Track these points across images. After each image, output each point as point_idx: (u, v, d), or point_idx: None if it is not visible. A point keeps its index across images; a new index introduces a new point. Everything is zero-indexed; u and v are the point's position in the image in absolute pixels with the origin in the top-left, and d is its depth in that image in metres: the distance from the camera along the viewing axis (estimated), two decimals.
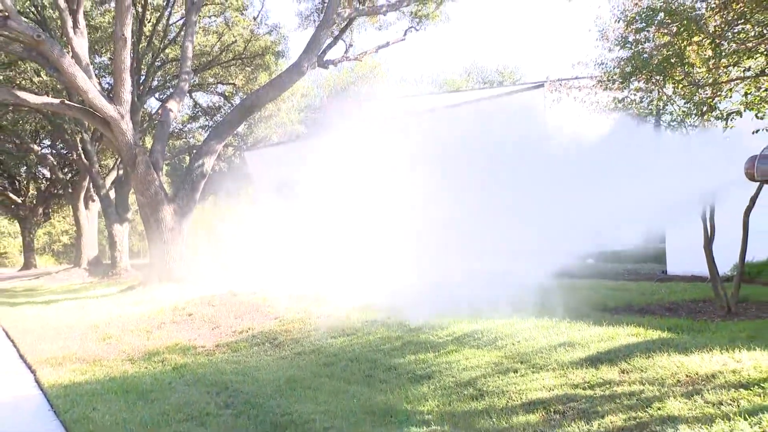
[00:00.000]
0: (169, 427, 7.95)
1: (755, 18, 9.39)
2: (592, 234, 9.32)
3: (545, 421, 7.21)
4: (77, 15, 22.86)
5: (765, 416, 6.20)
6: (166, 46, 31.29)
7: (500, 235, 9.69)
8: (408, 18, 27.11)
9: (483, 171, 10.33)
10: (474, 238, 10.02)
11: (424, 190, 11.07)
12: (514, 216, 9.62)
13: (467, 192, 10.29)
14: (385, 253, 10.69)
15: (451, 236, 9.87)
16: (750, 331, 9.34)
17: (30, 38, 21.01)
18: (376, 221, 10.74)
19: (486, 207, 9.92)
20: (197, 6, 26.13)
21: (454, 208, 10.27)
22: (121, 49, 22.48)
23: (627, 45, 11.06)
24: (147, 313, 17.39)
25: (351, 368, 10.25)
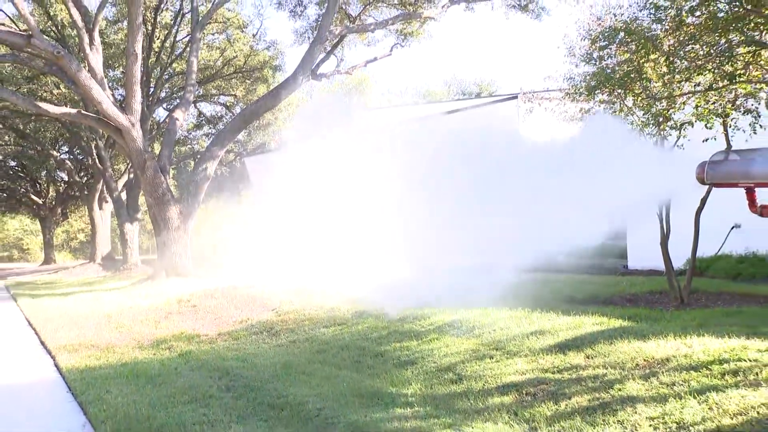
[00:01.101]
0: (175, 408, 7.95)
1: (704, 39, 9.46)
2: (562, 232, 9.35)
3: (518, 402, 7.25)
4: (93, 33, 22.91)
5: (711, 395, 6.28)
6: (173, 60, 31.26)
7: (477, 233, 9.72)
8: (394, 35, 27.16)
9: (461, 174, 10.35)
10: (453, 235, 10.05)
11: (407, 192, 11.09)
12: (489, 215, 9.65)
13: (447, 193, 10.31)
14: (372, 249, 10.72)
15: (432, 234, 9.91)
16: (700, 319, 9.41)
17: (51, 54, 21.16)
18: (364, 221, 10.77)
19: (464, 207, 9.94)
20: (202, 24, 26.17)
21: (435, 208, 10.30)
22: (133, 63, 22.68)
23: (591, 61, 11.12)
24: (155, 305, 17.38)
25: (341, 355, 10.27)
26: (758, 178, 5.12)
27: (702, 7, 9.24)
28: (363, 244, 11.29)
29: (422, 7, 25.81)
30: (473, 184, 10.06)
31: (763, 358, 6.96)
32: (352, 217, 11.44)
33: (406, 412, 7.29)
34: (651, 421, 6.10)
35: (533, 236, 9.92)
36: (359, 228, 11.28)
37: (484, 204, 9.81)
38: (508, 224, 9.33)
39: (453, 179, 10.41)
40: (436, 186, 10.58)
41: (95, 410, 8.05)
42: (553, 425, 6.46)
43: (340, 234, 12.03)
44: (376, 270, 11.40)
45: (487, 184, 9.97)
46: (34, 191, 46.58)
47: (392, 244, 10.98)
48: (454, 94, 55.06)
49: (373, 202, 10.99)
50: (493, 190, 9.78)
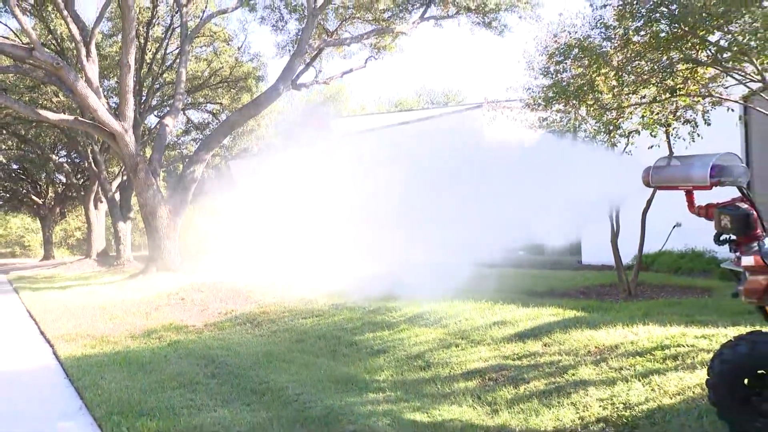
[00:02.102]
0: (164, 393, 7.94)
1: (648, 56, 9.57)
2: (522, 230, 9.37)
3: (481, 387, 7.30)
4: (90, 46, 22.85)
5: (654, 377, 6.37)
6: (164, 71, 31.09)
7: (445, 231, 9.74)
8: (368, 49, 27.17)
9: (430, 177, 10.36)
10: (422, 234, 10.06)
11: (379, 193, 11.09)
12: (457, 215, 9.67)
13: (417, 195, 10.32)
14: (347, 247, 10.71)
15: (403, 233, 9.92)
16: (645, 309, 9.51)
17: (51, 66, 21.18)
18: (339, 221, 10.76)
19: (433, 208, 9.95)
20: (190, 38, 26.14)
21: (405, 208, 10.30)
22: (126, 74, 22.78)
23: (549, 74, 11.19)
24: (146, 298, 17.30)
25: (318, 344, 10.27)
26: (696, 181, 5.20)
27: (646, 28, 9.33)
28: (339, 242, 11.29)
29: (394, 22, 25.84)
30: (441, 186, 10.09)
31: (699, 343, 7.07)
32: (329, 216, 11.43)
33: (379, 397, 7.32)
34: (601, 402, 6.17)
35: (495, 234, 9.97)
36: (335, 226, 11.28)
37: (451, 204, 9.84)
38: (473, 223, 9.37)
39: (422, 181, 10.44)
40: (407, 187, 10.60)
41: (91, 395, 8.02)
42: (513, 407, 6.51)
43: (317, 231, 12.01)
44: (351, 265, 11.40)
45: (454, 186, 10.00)
46: (34, 192, 46.30)
47: (365, 241, 10.98)
48: (424, 103, 55.06)
49: (349, 202, 10.99)
50: (460, 191, 9.81)
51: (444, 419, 6.36)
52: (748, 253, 4.74)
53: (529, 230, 9.40)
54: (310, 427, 6.33)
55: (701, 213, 5.31)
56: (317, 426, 6.36)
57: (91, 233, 38.62)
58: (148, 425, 6.70)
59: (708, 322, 8.03)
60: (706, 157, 5.19)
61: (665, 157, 5.75)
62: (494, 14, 24.23)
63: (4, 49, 21.67)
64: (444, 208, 9.89)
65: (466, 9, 24.30)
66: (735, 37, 8.55)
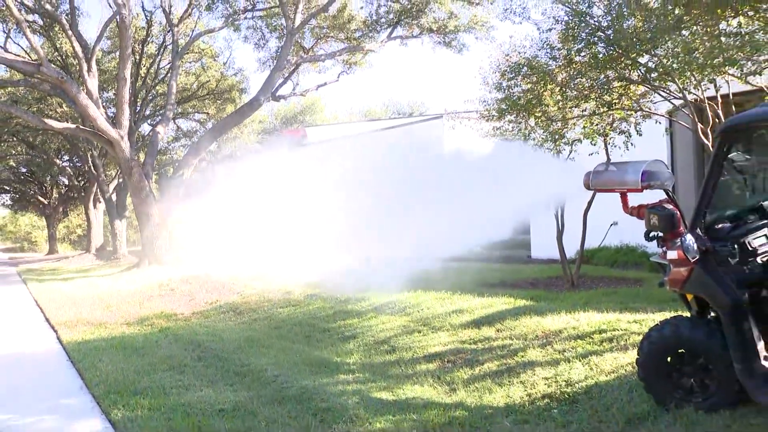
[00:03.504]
0: (156, 374, 7.95)
1: (588, 74, 9.66)
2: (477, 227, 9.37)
3: (441, 368, 7.35)
4: (91, 62, 22.72)
5: (592, 358, 6.46)
6: (156, 84, 30.79)
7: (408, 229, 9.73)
8: (341, 64, 27.11)
9: (395, 180, 10.35)
10: (388, 232, 10.06)
11: (350, 195, 11.07)
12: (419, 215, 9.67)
13: (384, 196, 10.31)
14: (321, 243, 10.68)
15: (371, 231, 9.92)
16: (586, 298, 9.60)
17: (56, 80, 21.11)
18: (314, 219, 10.73)
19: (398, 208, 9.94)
20: (180, 54, 26.02)
21: (374, 209, 10.29)
22: (123, 86, 22.76)
23: (501, 89, 11.20)
24: (140, 289, 17.16)
25: (295, 331, 10.26)
26: (629, 185, 5.28)
27: (586, 49, 9.43)
28: (314, 238, 11.24)
29: (364, 41, 25.83)
30: (406, 188, 10.09)
31: (632, 327, 7.18)
32: (306, 215, 11.38)
33: (349, 378, 7.36)
34: (546, 381, 6.25)
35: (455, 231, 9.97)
36: (311, 224, 11.23)
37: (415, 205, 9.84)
38: (434, 221, 9.38)
39: (389, 184, 10.43)
40: (375, 190, 10.58)
41: (90, 375, 8.03)
42: (468, 386, 6.57)
43: (295, 229, 11.95)
44: (325, 260, 11.36)
45: (417, 188, 10.01)
46: (40, 193, 45.79)
47: (338, 237, 10.95)
48: (391, 113, 54.95)
49: (323, 202, 10.95)
50: (422, 192, 9.82)
51: (407, 397, 6.40)
52: (673, 248, 4.83)
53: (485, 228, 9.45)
54: (286, 405, 6.34)
55: (634, 213, 5.39)
56: (293, 404, 6.37)
57: (91, 230, 38.30)
58: (141, 402, 6.70)
59: (639, 308, 8.14)
60: (638, 164, 5.28)
61: (603, 163, 5.83)
62: (454, 35, 24.32)
63: (15, 65, 21.80)
64: (408, 208, 9.90)
65: (428, 30, 24.36)
66: (661, 60, 8.69)
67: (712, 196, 4.69)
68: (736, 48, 7.41)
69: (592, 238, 11.72)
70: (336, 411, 5.98)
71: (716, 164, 4.67)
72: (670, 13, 8.22)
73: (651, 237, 5.16)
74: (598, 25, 9.35)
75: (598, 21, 9.43)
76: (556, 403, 5.68)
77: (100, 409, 6.75)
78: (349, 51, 26.01)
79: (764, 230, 4.78)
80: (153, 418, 6.18)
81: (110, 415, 6.44)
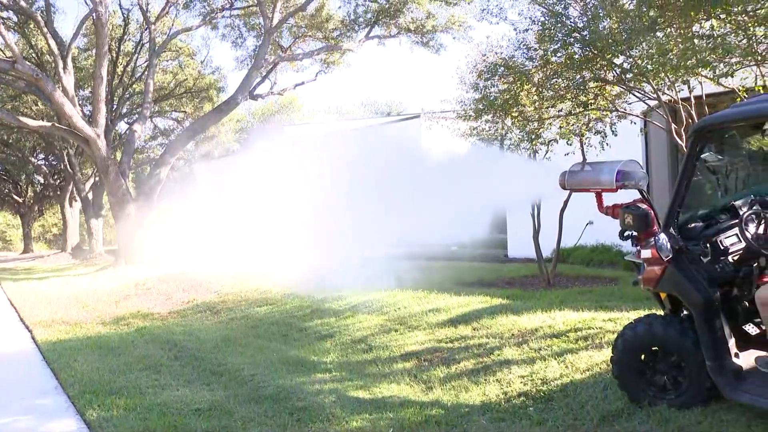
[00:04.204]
0: (132, 374, 7.86)
1: (564, 75, 9.72)
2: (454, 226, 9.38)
3: (417, 367, 7.33)
4: (66, 59, 22.51)
5: (568, 356, 6.49)
6: (133, 82, 30.53)
7: (386, 229, 9.73)
8: (319, 63, 27.11)
9: (373, 180, 10.34)
10: (366, 231, 10.04)
11: (328, 195, 11.04)
12: (397, 214, 9.66)
13: (361, 196, 10.29)
14: (298, 243, 10.64)
15: (348, 231, 9.89)
16: (562, 297, 9.64)
17: (31, 77, 20.95)
18: (291, 218, 10.68)
19: (375, 207, 9.93)
20: (157, 53, 25.85)
21: (352, 208, 10.27)
22: (99, 85, 22.60)
23: (478, 89, 11.24)
24: (116, 288, 16.95)
25: (272, 330, 10.20)
26: (604, 184, 5.31)
27: (562, 50, 9.48)
28: (291, 237, 11.19)
29: (342, 41, 25.81)
30: (384, 188, 10.07)
31: (606, 326, 7.22)
32: (283, 214, 11.33)
33: (325, 377, 7.32)
34: (522, 379, 6.26)
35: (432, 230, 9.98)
36: (288, 223, 11.18)
37: (393, 204, 9.82)
38: (411, 220, 9.37)
39: (367, 183, 10.41)
40: (353, 189, 10.56)
41: (65, 375, 7.91)
42: (445, 385, 6.56)
43: (271, 228, 11.89)
44: (303, 259, 11.31)
45: (394, 188, 9.99)
46: (15, 192, 45.13)
47: (316, 237, 10.91)
48: (369, 112, 54.83)
49: (300, 202, 10.90)
50: (399, 192, 9.80)
51: (384, 396, 6.38)
52: (647, 247, 4.86)
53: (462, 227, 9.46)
54: (263, 404, 6.30)
55: (609, 212, 5.42)
56: (270, 403, 6.33)
57: (67, 229, 37.92)
58: (117, 402, 6.61)
59: (614, 307, 8.19)
60: (613, 164, 5.31)
61: (578, 163, 5.85)
62: (431, 35, 24.36)
63: None
64: (386, 207, 9.89)
65: (406, 30, 24.38)
66: (636, 61, 8.77)
67: (685, 195, 4.73)
68: (709, 50, 7.49)
69: (568, 237, 11.78)
70: (313, 410, 5.95)
71: (689, 164, 4.71)
72: (644, 14, 8.29)
73: (625, 236, 5.19)
74: (574, 26, 9.41)
75: (574, 22, 9.49)
76: (532, 401, 5.69)
77: (75, 409, 6.66)
78: (327, 50, 25.99)
79: (735, 229, 4.82)
80: (129, 417, 6.11)
81: (85, 415, 6.36)
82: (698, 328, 4.61)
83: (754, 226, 4.83)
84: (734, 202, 5.14)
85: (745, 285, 4.81)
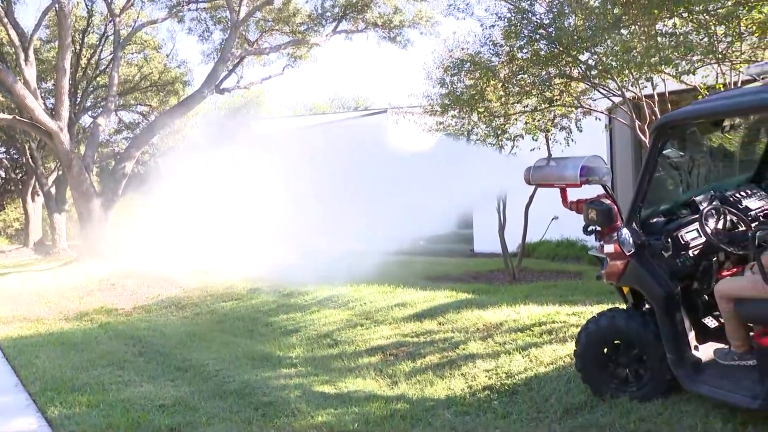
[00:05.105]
0: (95, 370, 7.76)
1: (530, 71, 9.78)
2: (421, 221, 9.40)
3: (383, 361, 7.33)
4: (28, 51, 21.98)
5: (532, 350, 6.52)
6: (98, 75, 29.98)
7: (352, 223, 9.70)
8: (286, 58, 26.84)
9: (340, 174, 10.30)
10: (332, 226, 10.01)
11: (294, 189, 10.98)
12: (364, 208, 9.64)
13: (328, 190, 10.25)
14: (263, 237, 10.59)
15: (315, 226, 9.85)
16: (527, 291, 9.72)
17: None
18: (257, 213, 10.62)
19: (342, 202, 9.90)
20: (122, 45, 25.39)
21: (317, 202, 10.22)
22: (62, 77, 22.00)
23: (445, 84, 11.24)
24: (79, 283, 16.64)
25: (237, 325, 10.14)
26: (568, 180, 5.34)
27: (528, 46, 9.54)
28: (257, 232, 11.11)
29: (309, 35, 25.61)
30: (350, 182, 10.04)
31: (570, 320, 7.27)
32: (249, 209, 11.24)
33: (291, 372, 7.29)
34: (487, 373, 6.28)
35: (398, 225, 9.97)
36: (254, 218, 11.10)
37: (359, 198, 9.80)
38: (378, 215, 9.36)
39: (333, 178, 10.37)
40: (320, 183, 10.51)
41: (26, 372, 7.79)
42: (410, 379, 6.56)
43: (238, 222, 11.79)
44: (268, 253, 11.25)
45: (361, 183, 9.97)
46: None
47: (282, 231, 10.84)
48: (336, 107, 54.57)
49: (266, 196, 10.83)
50: (366, 187, 9.78)
51: (349, 391, 6.37)
52: (610, 241, 4.90)
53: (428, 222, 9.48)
54: (228, 400, 6.25)
55: (573, 207, 5.45)
56: (235, 398, 6.29)
57: (29, 224, 37.12)
58: (79, 399, 6.52)
59: (578, 301, 8.27)
60: (577, 159, 5.34)
61: (543, 159, 5.89)
62: (399, 30, 24.29)
63: None
64: (352, 201, 9.86)
65: (373, 24, 24.30)
66: (600, 58, 8.85)
67: (647, 191, 4.77)
68: (672, 48, 7.58)
69: (533, 232, 11.88)
70: (278, 405, 5.91)
71: (651, 160, 4.75)
72: (609, 12, 8.37)
73: (589, 231, 5.23)
74: (540, 22, 9.47)
75: (540, 18, 9.55)
76: (497, 395, 5.71)
77: (36, 407, 6.56)
78: (294, 44, 25.81)
79: (695, 225, 4.88)
80: (91, 414, 6.01)
81: (47, 413, 6.26)
82: (659, 322, 4.66)
83: (714, 222, 4.88)
84: (695, 197, 5.20)
85: (704, 279, 4.89)
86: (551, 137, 10.66)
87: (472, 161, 9.28)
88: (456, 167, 8.72)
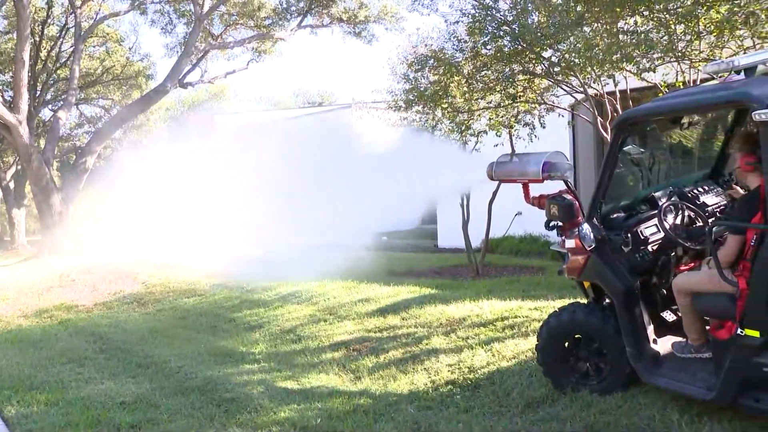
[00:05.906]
0: (54, 368, 7.64)
1: (494, 67, 9.82)
2: (385, 217, 9.39)
3: (346, 356, 7.32)
4: None
5: (495, 345, 6.56)
6: (58, 68, 29.37)
7: (317, 218, 9.67)
8: (250, 52, 26.64)
9: (305, 169, 10.26)
10: (295, 221, 9.95)
11: (260, 183, 10.90)
12: (327, 203, 9.61)
13: (293, 185, 10.20)
14: (228, 232, 10.50)
15: (278, 220, 9.81)
16: (490, 286, 9.76)
17: None
18: (221, 207, 10.53)
19: (306, 196, 9.86)
20: (83, 38, 24.97)
21: (282, 197, 10.17)
22: (21, 69, 21.50)
23: (409, 80, 11.22)
24: (39, 280, 16.27)
25: (200, 321, 10.03)
26: (531, 176, 5.38)
27: (492, 43, 9.58)
28: (220, 227, 11.01)
29: (274, 29, 25.45)
30: (314, 177, 10.00)
31: (532, 314, 7.33)
32: (212, 204, 11.13)
33: (254, 368, 7.24)
34: (449, 367, 6.30)
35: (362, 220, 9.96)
36: (218, 213, 10.99)
37: (322, 193, 9.77)
38: (343, 211, 9.34)
39: (299, 173, 10.32)
40: (283, 178, 10.45)
41: None
42: (373, 374, 6.56)
43: (201, 217, 11.67)
44: (232, 249, 11.14)
45: (325, 178, 9.93)
46: None
47: (245, 226, 10.76)
48: (301, 102, 54.24)
49: (231, 191, 10.74)
50: (329, 182, 9.75)
51: (313, 386, 6.35)
52: (571, 237, 4.93)
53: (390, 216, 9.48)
54: (190, 396, 6.17)
55: (535, 203, 5.49)
56: (197, 395, 6.21)
57: None
58: (37, 398, 6.40)
59: (540, 296, 8.33)
60: (539, 155, 5.38)
61: (506, 154, 5.91)
62: (363, 25, 24.24)
63: None
64: (316, 196, 9.82)
65: (338, 19, 24.22)
66: (563, 55, 8.91)
67: (608, 186, 4.81)
68: (633, 46, 7.66)
69: (496, 227, 11.93)
70: (240, 401, 5.86)
71: (611, 156, 4.79)
72: (572, 9, 8.44)
73: (551, 226, 5.26)
74: (503, 19, 9.51)
75: (503, 15, 9.60)
76: (459, 389, 5.73)
77: None
78: (259, 39, 25.61)
79: (654, 220, 4.94)
80: (50, 413, 5.91)
81: (3, 412, 6.14)
82: (619, 316, 4.71)
83: (672, 217, 4.95)
84: (654, 193, 5.26)
85: (663, 273, 4.96)
86: (514, 133, 10.71)
87: (435, 157, 9.31)
88: (420, 163, 8.73)
